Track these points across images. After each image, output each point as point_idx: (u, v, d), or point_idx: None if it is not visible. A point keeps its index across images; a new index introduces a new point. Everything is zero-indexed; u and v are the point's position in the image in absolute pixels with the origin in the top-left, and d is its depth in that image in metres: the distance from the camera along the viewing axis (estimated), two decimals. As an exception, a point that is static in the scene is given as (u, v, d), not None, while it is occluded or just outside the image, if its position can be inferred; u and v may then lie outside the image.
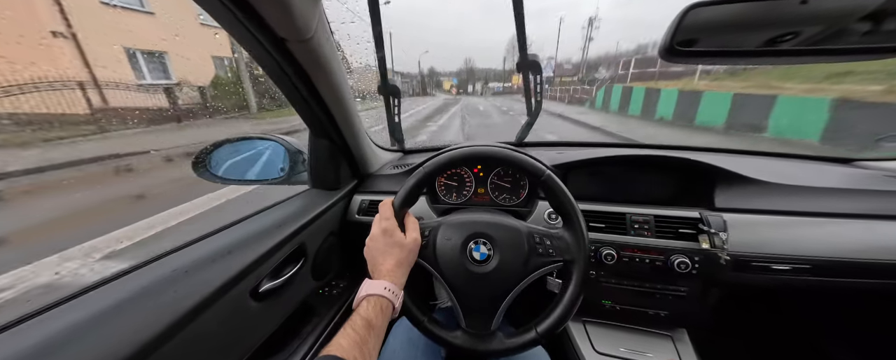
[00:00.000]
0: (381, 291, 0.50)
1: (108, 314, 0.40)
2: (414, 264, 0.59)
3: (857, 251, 0.72)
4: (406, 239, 0.57)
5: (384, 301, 0.49)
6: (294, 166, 0.93)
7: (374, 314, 0.47)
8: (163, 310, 0.42)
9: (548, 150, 1.17)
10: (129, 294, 0.43)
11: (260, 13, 0.45)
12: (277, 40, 0.51)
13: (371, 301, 0.49)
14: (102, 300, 0.42)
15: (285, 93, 0.66)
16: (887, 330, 0.99)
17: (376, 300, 0.49)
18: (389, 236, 0.56)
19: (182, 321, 0.42)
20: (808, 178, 0.85)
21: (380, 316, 0.47)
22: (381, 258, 0.55)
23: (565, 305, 0.57)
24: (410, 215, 0.63)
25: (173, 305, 0.43)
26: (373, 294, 0.50)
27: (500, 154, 0.63)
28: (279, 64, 0.56)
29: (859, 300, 1.00)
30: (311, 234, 0.78)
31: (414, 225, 0.60)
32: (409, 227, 0.60)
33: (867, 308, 1.01)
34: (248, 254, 0.57)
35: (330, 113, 0.73)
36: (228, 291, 0.51)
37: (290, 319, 0.73)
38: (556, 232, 0.61)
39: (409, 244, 0.57)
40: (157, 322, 0.40)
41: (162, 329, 0.40)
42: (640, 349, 0.85)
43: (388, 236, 0.56)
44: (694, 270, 0.76)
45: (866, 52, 0.46)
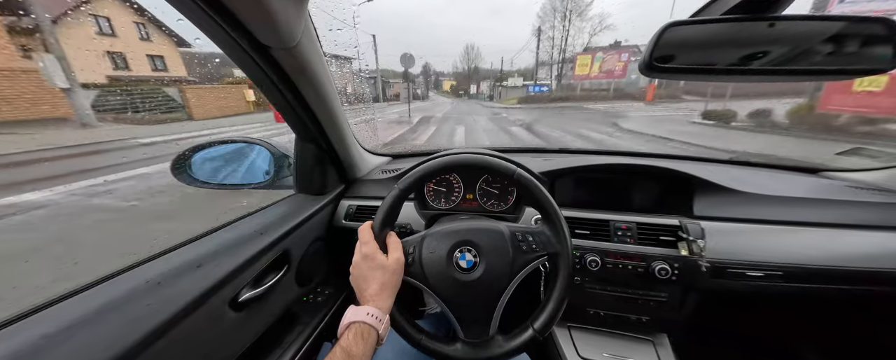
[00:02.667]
0: (363, 317, 0.49)
1: (74, 328, 0.38)
2: (400, 284, 0.58)
3: (823, 259, 0.76)
4: (388, 261, 0.56)
5: (365, 328, 0.48)
6: (279, 171, 0.92)
7: (354, 343, 0.46)
8: (134, 323, 0.40)
9: (534, 156, 1.19)
10: (97, 307, 0.41)
11: (242, 22, 0.45)
12: (261, 48, 0.51)
13: (352, 329, 0.48)
14: (68, 313, 0.40)
15: (270, 98, 0.65)
16: (854, 334, 1.04)
17: (357, 327, 0.48)
18: (370, 260, 0.55)
19: (154, 334, 0.41)
20: (778, 187, 0.89)
21: (360, 344, 0.46)
22: (364, 284, 0.54)
23: (557, 298, 0.58)
24: (392, 235, 0.61)
25: (146, 318, 0.41)
26: (355, 321, 0.49)
27: (472, 160, 0.63)
28: (263, 70, 0.56)
29: (829, 306, 1.05)
30: (295, 240, 0.77)
31: (396, 245, 0.59)
32: (391, 247, 0.59)
33: (836, 313, 1.06)
34: (227, 262, 0.55)
35: (316, 118, 0.73)
36: (205, 301, 0.49)
37: (272, 328, 0.71)
38: (536, 228, 0.62)
39: (392, 265, 0.56)
40: (127, 336, 0.39)
41: (133, 343, 0.38)
42: (623, 354, 0.87)
43: (369, 261, 0.55)
44: (674, 276, 0.78)
45: (828, 72, 0.49)
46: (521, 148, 1.35)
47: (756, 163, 1.16)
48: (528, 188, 0.61)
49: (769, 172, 1.11)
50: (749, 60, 0.52)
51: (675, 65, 0.54)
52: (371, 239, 0.58)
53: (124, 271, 0.50)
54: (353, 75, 2.01)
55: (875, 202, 0.83)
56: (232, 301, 0.57)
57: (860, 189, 0.90)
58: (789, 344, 1.19)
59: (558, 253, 0.59)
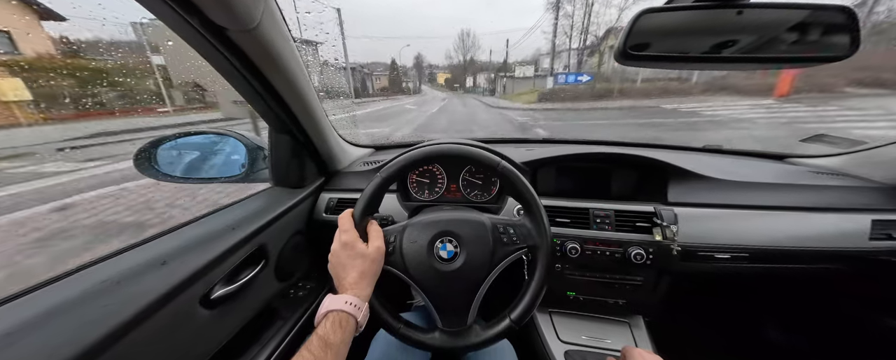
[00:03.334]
0: (342, 305, 0.49)
1: (14, 335, 0.35)
2: (380, 272, 0.58)
3: (787, 240, 0.81)
4: (368, 249, 0.55)
5: (343, 316, 0.48)
6: (254, 163, 0.88)
7: (331, 331, 0.45)
8: (88, 326, 0.38)
9: (517, 147, 1.19)
10: (45, 311, 0.39)
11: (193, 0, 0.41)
12: (217, 30, 0.47)
13: (330, 318, 0.47)
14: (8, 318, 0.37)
15: (236, 86, 0.61)
16: (812, 308, 1.12)
17: (335, 316, 0.47)
18: (350, 248, 0.54)
19: (112, 336, 0.39)
20: (746, 174, 0.93)
21: (339, 332, 0.46)
22: (343, 272, 0.54)
23: (534, 290, 0.59)
24: (373, 224, 0.61)
25: (102, 320, 0.39)
26: (333, 310, 0.48)
27: (456, 151, 0.63)
28: (223, 55, 0.52)
29: (790, 283, 1.12)
30: (272, 234, 0.75)
31: (377, 233, 0.59)
32: (372, 235, 0.58)
33: (795, 290, 1.13)
34: (195, 259, 0.53)
35: (288, 108, 0.70)
36: (172, 300, 0.47)
37: (250, 324, 0.70)
38: (517, 221, 0.62)
39: (372, 254, 0.55)
40: (78, 340, 0.36)
41: (85, 348, 0.36)
42: (600, 336, 0.90)
43: (348, 249, 0.54)
44: (649, 261, 0.81)
45: (791, 60, 0.51)
46: (505, 138, 1.35)
47: (727, 151, 1.20)
48: (512, 181, 0.61)
49: (739, 159, 1.15)
50: (720, 48, 0.53)
51: (649, 53, 0.54)
52: (351, 227, 0.57)
53: (78, 271, 0.47)
54: (321, 65, 1.78)
55: (833, 186, 0.88)
56: (203, 299, 0.55)
57: (821, 174, 0.95)
58: (753, 320, 1.27)
59: (538, 246, 0.60)
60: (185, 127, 0.86)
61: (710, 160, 1.07)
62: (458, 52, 77.71)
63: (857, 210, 0.82)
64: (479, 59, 70.29)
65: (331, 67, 2.29)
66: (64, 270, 0.46)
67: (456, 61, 78.05)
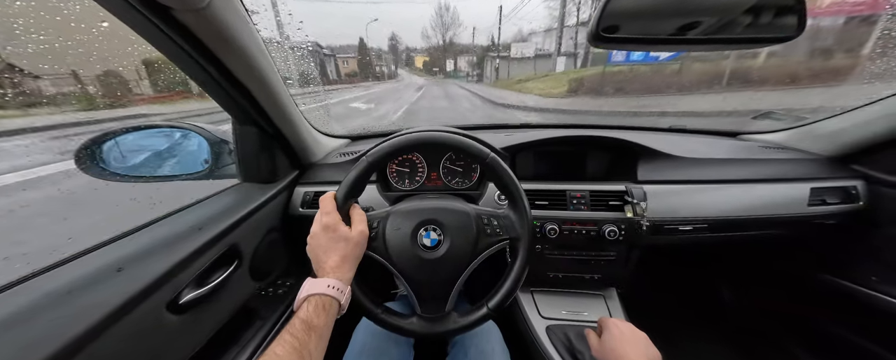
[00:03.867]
0: (324, 289, 0.48)
1: None
2: (362, 257, 0.57)
3: (739, 210, 0.88)
4: (352, 232, 0.55)
5: (327, 300, 0.47)
6: (219, 158, 0.82)
7: (314, 314, 0.45)
8: (36, 345, 0.34)
9: (497, 133, 1.20)
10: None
11: None
12: (160, 9, 0.42)
13: (312, 301, 0.46)
14: None
15: (189, 74, 0.55)
16: (760, 270, 1.25)
17: (318, 300, 0.47)
18: (332, 231, 0.53)
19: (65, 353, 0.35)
20: (705, 151, 1.00)
21: (322, 315, 0.45)
22: (324, 255, 0.52)
23: (512, 280, 0.61)
24: (356, 207, 0.60)
25: (51, 337, 0.35)
26: (314, 294, 0.47)
27: (446, 139, 0.62)
28: (171, 38, 0.47)
29: (742, 249, 1.24)
30: (245, 233, 0.71)
31: (361, 217, 0.58)
32: (355, 219, 0.58)
33: (747, 255, 1.26)
34: (157, 263, 0.49)
35: (252, 97, 0.64)
36: (133, 309, 0.44)
37: (226, 327, 0.67)
38: (501, 212, 0.63)
39: (356, 237, 0.54)
40: None
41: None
42: (578, 310, 0.96)
43: (330, 232, 0.53)
44: (621, 236, 0.86)
45: (747, 41, 0.54)
46: (484, 125, 1.36)
47: (689, 130, 1.28)
48: (498, 173, 0.62)
49: (699, 137, 1.24)
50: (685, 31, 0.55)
51: (620, 35, 0.55)
52: (333, 209, 0.55)
53: (17, 284, 0.42)
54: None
55: (778, 159, 0.96)
56: (171, 304, 0.51)
57: (768, 148, 1.04)
58: (711, 284, 1.40)
59: (519, 238, 0.61)
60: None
61: (674, 139, 1.14)
62: (437, 31, 65.16)
63: (798, 180, 0.91)
64: (461, 41, 60.12)
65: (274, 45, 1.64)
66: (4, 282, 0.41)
67: (435, 42, 65.87)
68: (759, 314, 1.26)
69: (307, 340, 0.42)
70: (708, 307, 1.38)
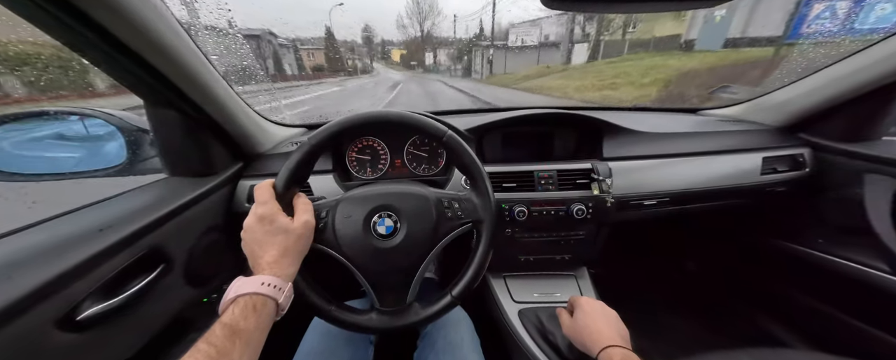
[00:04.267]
0: (257, 287, 0.41)
1: None
2: (307, 250, 0.51)
3: (699, 182, 0.90)
4: (294, 223, 0.48)
5: (258, 299, 0.40)
6: (138, 150, 0.71)
7: (241, 317, 0.38)
8: None
9: (461, 116, 1.15)
10: None
11: None
12: None
13: (239, 303, 0.39)
14: None
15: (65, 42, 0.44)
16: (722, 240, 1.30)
17: (247, 300, 0.40)
18: (269, 222, 0.47)
19: None
20: (667, 126, 1.01)
21: (251, 317, 0.39)
22: (259, 250, 0.46)
23: (476, 265, 0.57)
24: (301, 196, 0.54)
25: None
26: (244, 294, 0.40)
27: (398, 117, 0.57)
28: (41, 6, 0.37)
29: (702, 221, 1.29)
30: (172, 233, 0.61)
31: (305, 207, 0.52)
32: (299, 209, 0.51)
33: (707, 226, 1.31)
34: (36, 273, 0.40)
35: (156, 70, 0.54)
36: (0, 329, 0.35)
37: (154, 342, 0.58)
38: (463, 194, 0.60)
39: (298, 228, 0.48)
40: None
41: None
42: (550, 291, 0.94)
43: (266, 224, 0.47)
44: (589, 215, 0.85)
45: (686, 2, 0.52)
46: (451, 110, 1.30)
47: (653, 108, 1.30)
48: (458, 152, 0.57)
49: (661, 114, 1.26)
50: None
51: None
52: (271, 199, 0.49)
53: None
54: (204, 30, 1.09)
55: (733, 131, 0.99)
56: (64, 321, 0.42)
57: (725, 121, 1.07)
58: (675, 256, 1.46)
59: (482, 220, 0.58)
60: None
61: (638, 117, 1.14)
62: (414, 21, 56.52)
63: (752, 150, 0.93)
64: (440, 32, 52.49)
65: (216, 33, 0.88)
66: None
67: (412, 33, 57.89)
68: (722, 284, 1.32)
69: (230, 348, 0.35)
70: (676, 280, 1.44)
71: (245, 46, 1.09)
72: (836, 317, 0.95)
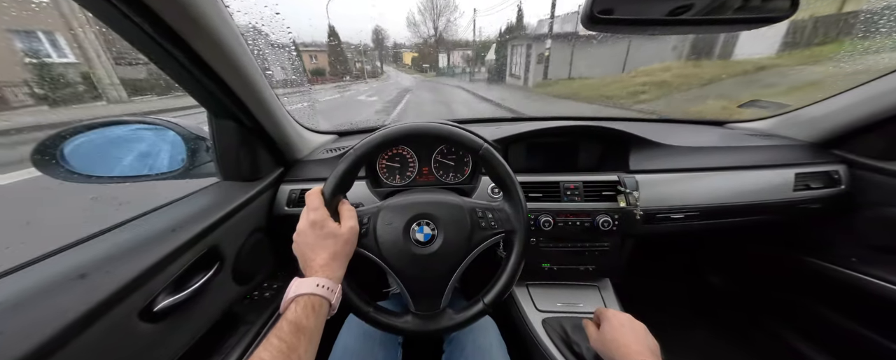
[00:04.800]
0: (313, 288, 0.45)
1: None
2: (353, 254, 0.54)
3: (728, 197, 0.89)
4: (341, 229, 0.52)
5: (316, 300, 0.44)
6: (195, 155, 0.77)
7: (303, 316, 0.42)
8: None
9: (487, 125, 1.18)
10: None
11: None
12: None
13: (300, 302, 0.43)
14: None
15: (156, 62, 0.51)
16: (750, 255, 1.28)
17: (307, 300, 0.44)
18: (320, 227, 0.50)
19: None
20: (694, 139, 1.01)
21: (311, 316, 0.42)
22: (311, 253, 0.50)
23: (508, 274, 0.59)
24: (345, 203, 0.57)
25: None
26: (303, 294, 0.44)
27: (437, 130, 0.60)
28: (136, 24, 0.42)
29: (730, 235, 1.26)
30: (226, 233, 0.67)
31: (350, 213, 0.56)
32: (344, 215, 0.55)
33: (736, 241, 1.28)
34: (125, 268, 0.45)
35: (228, 88, 0.60)
36: (99, 318, 0.40)
37: (209, 334, 0.62)
38: (496, 205, 0.62)
39: (346, 234, 0.52)
40: None
41: None
42: (574, 301, 0.95)
43: (318, 228, 0.50)
44: (614, 227, 0.86)
45: (742, 21, 0.53)
46: (476, 118, 1.34)
47: (678, 120, 1.30)
48: (493, 165, 0.60)
49: (687, 126, 1.25)
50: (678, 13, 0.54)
51: (615, 17, 0.54)
52: (321, 205, 0.53)
53: None
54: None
55: (764, 145, 0.98)
56: (144, 312, 0.47)
57: (754, 136, 1.06)
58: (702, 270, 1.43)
59: (515, 231, 0.59)
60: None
61: (663, 129, 1.15)
62: (427, 17, 48.92)
63: (784, 166, 0.92)
64: (456, 33, 45.69)
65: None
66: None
67: (425, 31, 50.70)
68: (749, 300, 1.29)
69: (296, 343, 0.39)
70: (701, 294, 1.41)
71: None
72: (869, 338, 0.92)
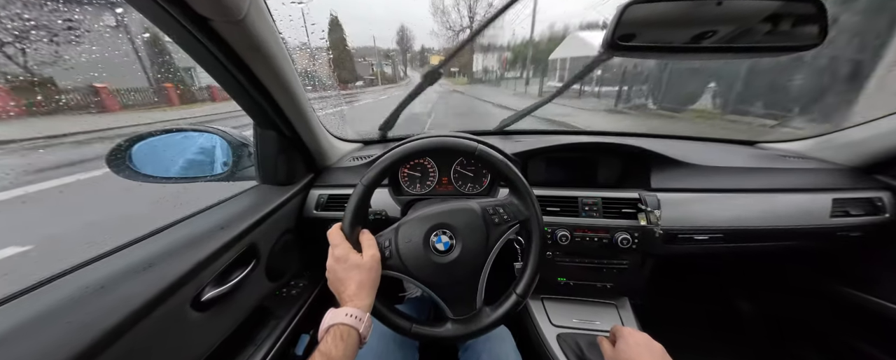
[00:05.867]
0: (342, 318, 0.48)
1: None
2: (379, 280, 0.57)
3: (758, 220, 0.86)
4: (363, 259, 0.55)
5: (344, 329, 0.48)
6: (239, 161, 0.85)
7: (332, 345, 0.45)
8: (72, 335, 0.36)
9: (506, 139, 1.20)
10: (20, 322, 0.37)
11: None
12: (200, 20, 0.45)
13: (331, 332, 0.47)
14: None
15: (218, 80, 0.58)
16: (778, 281, 1.21)
17: (336, 329, 0.47)
18: (344, 261, 0.54)
19: (98, 345, 0.37)
20: (721, 159, 0.98)
21: (340, 345, 0.46)
22: (341, 286, 0.53)
23: (534, 260, 0.60)
24: (365, 233, 0.60)
25: (85, 328, 0.37)
26: (334, 324, 0.48)
27: (428, 144, 0.62)
28: (205, 46, 0.49)
29: (759, 259, 1.20)
30: (263, 233, 0.73)
31: (370, 242, 0.58)
32: (365, 245, 0.58)
33: (765, 265, 1.22)
34: (183, 261, 0.51)
35: (275, 102, 0.67)
36: (160, 304, 0.46)
37: (243, 325, 0.68)
38: (505, 200, 0.63)
39: (368, 262, 0.55)
40: (62, 351, 0.35)
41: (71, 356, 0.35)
42: (590, 318, 0.94)
43: (342, 263, 0.54)
44: (634, 245, 0.85)
45: (765, 50, 0.54)
46: (493, 130, 1.36)
47: (703, 138, 1.26)
48: (491, 162, 0.61)
49: (713, 145, 1.22)
50: (700, 39, 0.55)
51: (636, 43, 0.56)
52: (342, 241, 0.56)
53: (56, 279, 0.44)
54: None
55: (799, 168, 0.94)
56: (194, 301, 0.53)
57: (788, 157, 1.01)
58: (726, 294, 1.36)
59: (529, 219, 0.61)
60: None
61: (688, 147, 1.12)
62: (459, 8, 38.54)
63: (820, 190, 0.88)
64: (496, 30, 32.53)
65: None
66: (40, 278, 0.44)
67: (455, 22, 40.51)
68: (777, 327, 1.22)
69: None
70: (724, 319, 1.34)
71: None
72: None
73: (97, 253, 0.50)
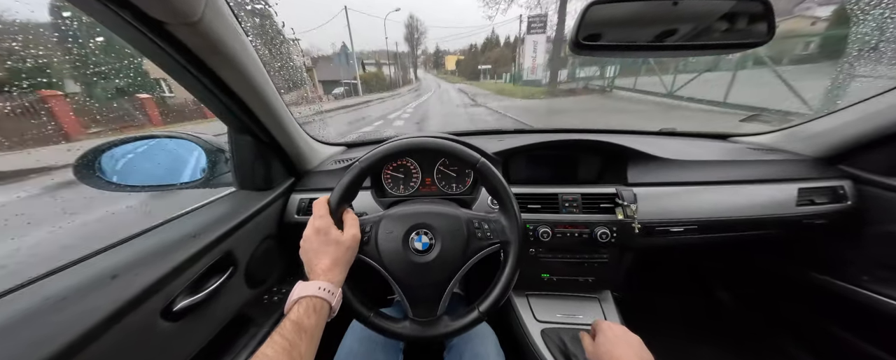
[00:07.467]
0: (315, 291, 0.48)
1: None
2: (354, 260, 0.58)
3: (729, 211, 0.89)
4: (343, 236, 0.56)
5: (317, 301, 0.48)
6: (215, 167, 0.84)
7: (305, 316, 0.45)
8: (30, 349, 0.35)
9: (490, 138, 1.22)
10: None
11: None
12: (154, 23, 0.44)
13: (302, 303, 0.47)
14: None
15: (184, 85, 0.57)
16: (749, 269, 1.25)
17: (308, 301, 0.47)
18: (324, 234, 0.54)
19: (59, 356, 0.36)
20: (695, 153, 1.01)
21: (312, 317, 0.46)
22: (315, 259, 0.53)
23: (503, 284, 0.61)
24: (349, 212, 0.61)
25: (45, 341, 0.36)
26: (305, 296, 0.48)
27: (438, 145, 0.63)
28: (165, 51, 0.48)
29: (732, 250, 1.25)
30: (240, 239, 0.72)
31: (353, 222, 0.59)
32: (347, 223, 0.59)
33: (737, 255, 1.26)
34: (150, 270, 0.50)
35: (246, 106, 0.66)
36: (126, 315, 0.44)
37: (222, 333, 0.67)
38: (492, 216, 0.64)
39: (347, 241, 0.55)
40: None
41: None
42: (573, 313, 0.96)
43: (322, 235, 0.54)
44: (613, 239, 0.87)
45: (722, 47, 0.56)
46: (478, 131, 1.37)
47: (679, 133, 1.30)
48: (488, 178, 0.62)
49: (689, 140, 1.25)
50: (663, 37, 0.57)
51: (602, 43, 0.58)
52: (326, 213, 0.56)
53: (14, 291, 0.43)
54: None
55: (767, 160, 0.98)
56: (165, 311, 0.52)
57: (756, 150, 1.05)
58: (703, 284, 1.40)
59: (510, 242, 0.62)
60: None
61: (664, 142, 1.15)
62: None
63: (787, 180, 0.92)
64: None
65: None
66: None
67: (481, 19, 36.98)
68: (753, 315, 1.26)
69: (298, 341, 0.42)
70: (702, 308, 1.38)
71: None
72: (879, 357, 0.89)
73: (59, 264, 0.48)
